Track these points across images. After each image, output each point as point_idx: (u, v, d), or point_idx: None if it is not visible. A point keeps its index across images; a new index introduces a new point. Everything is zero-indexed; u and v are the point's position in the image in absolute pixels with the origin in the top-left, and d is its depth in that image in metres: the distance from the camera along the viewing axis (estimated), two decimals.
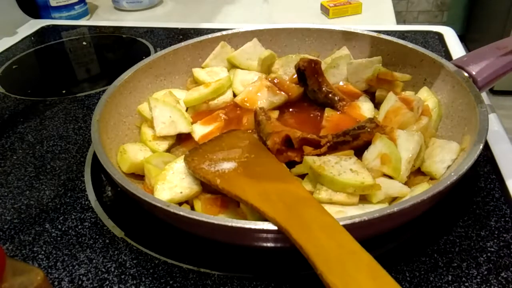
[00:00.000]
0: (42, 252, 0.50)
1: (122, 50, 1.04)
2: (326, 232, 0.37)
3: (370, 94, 0.64)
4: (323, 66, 0.68)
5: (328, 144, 0.51)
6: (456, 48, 0.88)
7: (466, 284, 0.44)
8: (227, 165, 0.48)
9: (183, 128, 0.59)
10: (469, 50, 0.68)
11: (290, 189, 0.44)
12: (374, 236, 0.43)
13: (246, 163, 0.48)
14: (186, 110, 0.64)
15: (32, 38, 1.09)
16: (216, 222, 0.40)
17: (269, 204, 0.41)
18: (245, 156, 0.49)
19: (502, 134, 0.63)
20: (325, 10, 1.12)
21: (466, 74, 0.58)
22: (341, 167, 0.47)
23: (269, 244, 0.43)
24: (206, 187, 0.49)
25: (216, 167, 0.48)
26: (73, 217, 0.55)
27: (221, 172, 0.47)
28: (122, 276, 0.47)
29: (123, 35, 1.07)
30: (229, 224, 0.39)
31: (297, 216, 0.39)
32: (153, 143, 0.59)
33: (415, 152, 0.50)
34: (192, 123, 0.61)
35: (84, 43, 1.06)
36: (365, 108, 0.60)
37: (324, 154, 0.50)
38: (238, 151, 0.50)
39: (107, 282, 0.46)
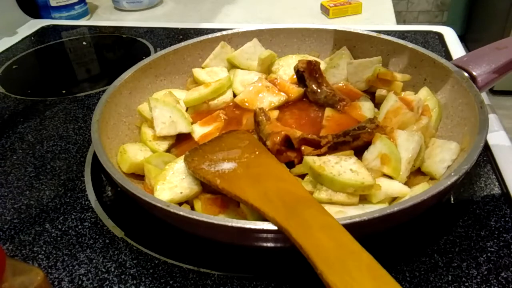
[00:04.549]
0: (42, 252, 0.50)
1: (122, 50, 1.04)
2: (326, 232, 0.37)
3: (370, 94, 0.64)
4: (323, 66, 0.68)
5: (328, 144, 0.51)
6: (456, 48, 0.88)
7: (466, 284, 0.44)
8: (227, 166, 0.48)
9: (183, 128, 0.59)
10: (469, 50, 0.68)
11: (290, 189, 0.44)
12: (374, 235, 0.43)
13: (246, 163, 0.48)
14: (186, 110, 0.64)
15: (32, 38, 1.09)
16: (216, 222, 0.40)
17: (269, 204, 0.41)
18: (245, 156, 0.49)
19: (502, 134, 0.63)
20: (325, 10, 1.12)
21: (466, 74, 0.58)
22: (341, 167, 0.47)
23: (269, 244, 0.43)
24: (206, 187, 0.49)
25: (216, 167, 0.48)
26: (73, 217, 0.55)
27: (221, 172, 0.47)
28: (122, 276, 0.47)
29: (123, 35, 1.07)
30: (229, 224, 0.39)
31: (297, 216, 0.39)
32: (153, 143, 0.59)
33: (415, 152, 0.50)
34: (192, 123, 0.61)
35: (84, 43, 1.06)
36: (365, 108, 0.60)
37: (324, 154, 0.50)
38: (238, 152, 0.50)
39: (107, 282, 0.46)
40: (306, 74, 0.63)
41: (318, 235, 0.37)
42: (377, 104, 0.61)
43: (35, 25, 1.15)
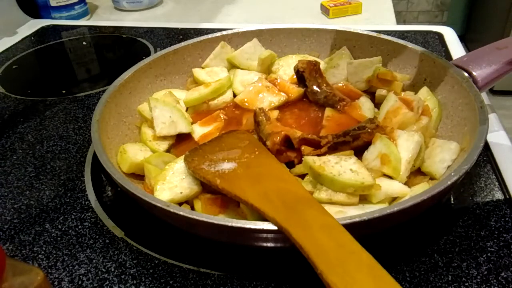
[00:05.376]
0: (42, 252, 0.50)
1: (122, 50, 1.04)
2: (326, 232, 0.37)
3: (370, 94, 0.64)
4: (323, 66, 0.68)
5: (328, 144, 0.51)
6: (456, 48, 0.88)
7: (466, 284, 0.44)
8: (227, 166, 0.48)
9: (183, 128, 0.59)
10: (469, 50, 0.68)
11: (290, 189, 0.44)
12: (374, 235, 0.43)
13: (246, 163, 0.48)
14: (186, 110, 0.64)
15: (32, 38, 1.09)
16: (216, 222, 0.40)
17: (269, 204, 0.41)
18: (245, 156, 0.49)
19: (502, 134, 0.63)
20: (325, 10, 1.12)
21: (466, 74, 0.58)
22: (341, 167, 0.47)
23: (269, 244, 0.43)
24: (206, 187, 0.49)
25: (216, 167, 0.48)
26: (73, 217, 0.55)
27: (221, 172, 0.47)
28: (122, 276, 0.47)
29: (123, 35, 1.07)
30: (229, 224, 0.39)
31: (297, 216, 0.39)
32: (153, 143, 0.59)
33: (415, 152, 0.50)
34: (192, 123, 0.61)
35: (84, 43, 1.06)
36: (365, 108, 0.60)
37: (324, 154, 0.50)
38: (238, 152, 0.50)
39: (107, 282, 0.46)
40: (306, 74, 0.63)
41: (318, 235, 0.37)
42: (377, 104, 0.61)
43: (35, 25, 1.15)
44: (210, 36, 0.73)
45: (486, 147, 0.60)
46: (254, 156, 0.50)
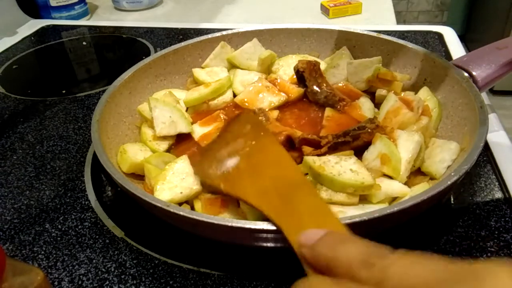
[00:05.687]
0: (42, 252, 0.50)
1: (122, 50, 1.04)
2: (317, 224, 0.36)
3: (370, 94, 0.64)
4: (323, 66, 0.68)
5: (328, 144, 0.51)
6: (456, 48, 0.88)
7: None
8: (231, 162, 0.47)
9: (183, 128, 0.59)
10: (469, 50, 0.68)
11: (285, 175, 0.43)
12: (374, 235, 0.43)
13: (248, 153, 0.47)
14: (186, 110, 0.64)
15: (32, 38, 1.09)
16: (216, 222, 0.40)
17: (266, 201, 0.40)
18: (247, 144, 0.48)
19: (502, 134, 0.63)
20: (325, 10, 1.12)
21: (466, 74, 0.58)
22: (341, 167, 0.47)
23: (269, 244, 0.43)
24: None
25: (221, 168, 0.47)
26: (73, 217, 0.55)
27: (225, 173, 0.46)
28: (122, 276, 0.47)
29: (123, 35, 1.07)
30: (229, 224, 0.39)
31: (291, 209, 0.38)
32: (153, 143, 0.59)
33: (415, 152, 0.50)
34: (192, 123, 0.61)
35: (84, 43, 1.06)
36: (365, 108, 0.60)
37: (324, 154, 0.50)
38: (241, 142, 0.49)
39: (107, 282, 0.46)
40: (306, 74, 0.63)
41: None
42: (377, 104, 0.61)
43: (35, 25, 1.15)
44: (210, 36, 0.73)
45: (486, 147, 0.60)
46: (255, 142, 0.48)
